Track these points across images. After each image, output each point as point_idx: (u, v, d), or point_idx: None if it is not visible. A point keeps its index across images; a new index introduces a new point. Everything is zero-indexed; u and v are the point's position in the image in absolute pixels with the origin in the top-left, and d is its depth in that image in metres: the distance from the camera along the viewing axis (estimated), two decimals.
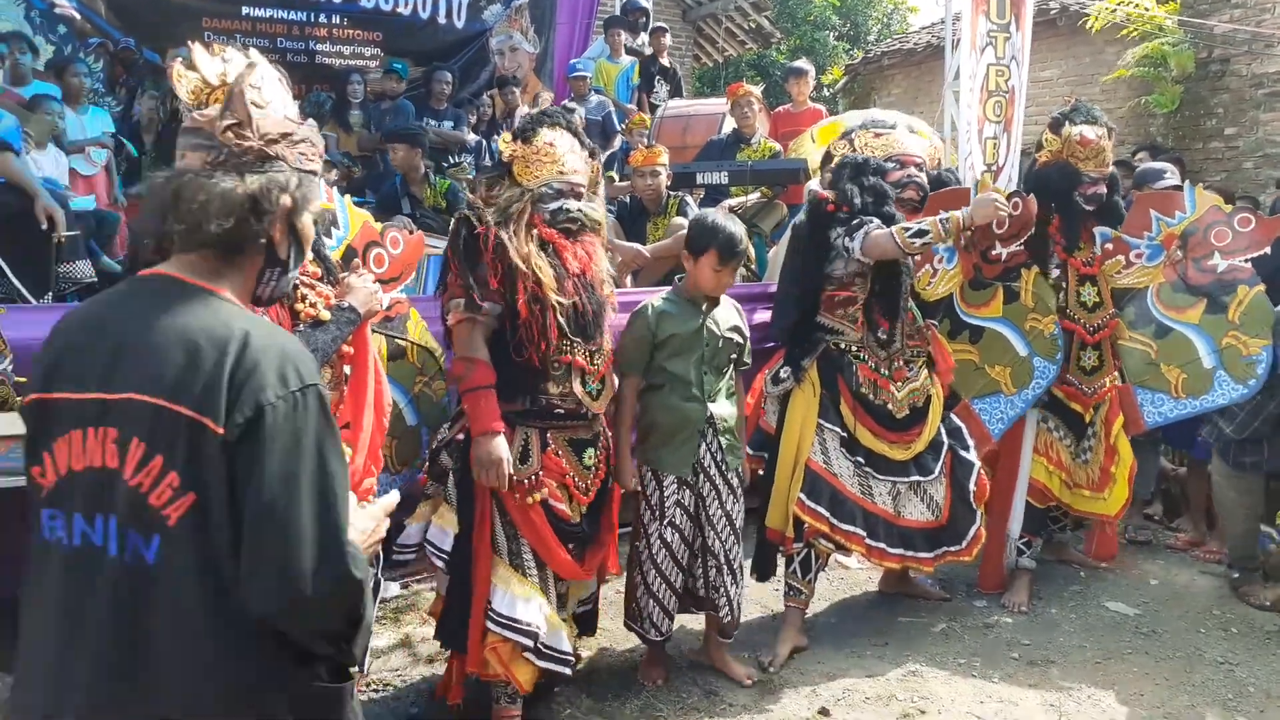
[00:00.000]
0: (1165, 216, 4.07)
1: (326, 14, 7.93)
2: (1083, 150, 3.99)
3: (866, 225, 3.44)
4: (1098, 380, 4.14)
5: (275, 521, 1.35)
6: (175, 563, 1.38)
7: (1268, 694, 3.43)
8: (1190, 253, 4.07)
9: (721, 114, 7.05)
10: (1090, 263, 4.10)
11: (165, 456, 1.37)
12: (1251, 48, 7.76)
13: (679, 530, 3.26)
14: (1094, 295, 4.10)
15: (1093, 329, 4.11)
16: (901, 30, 15.98)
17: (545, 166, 2.94)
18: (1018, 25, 6.74)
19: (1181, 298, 4.13)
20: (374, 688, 3.37)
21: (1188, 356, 4.11)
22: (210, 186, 1.49)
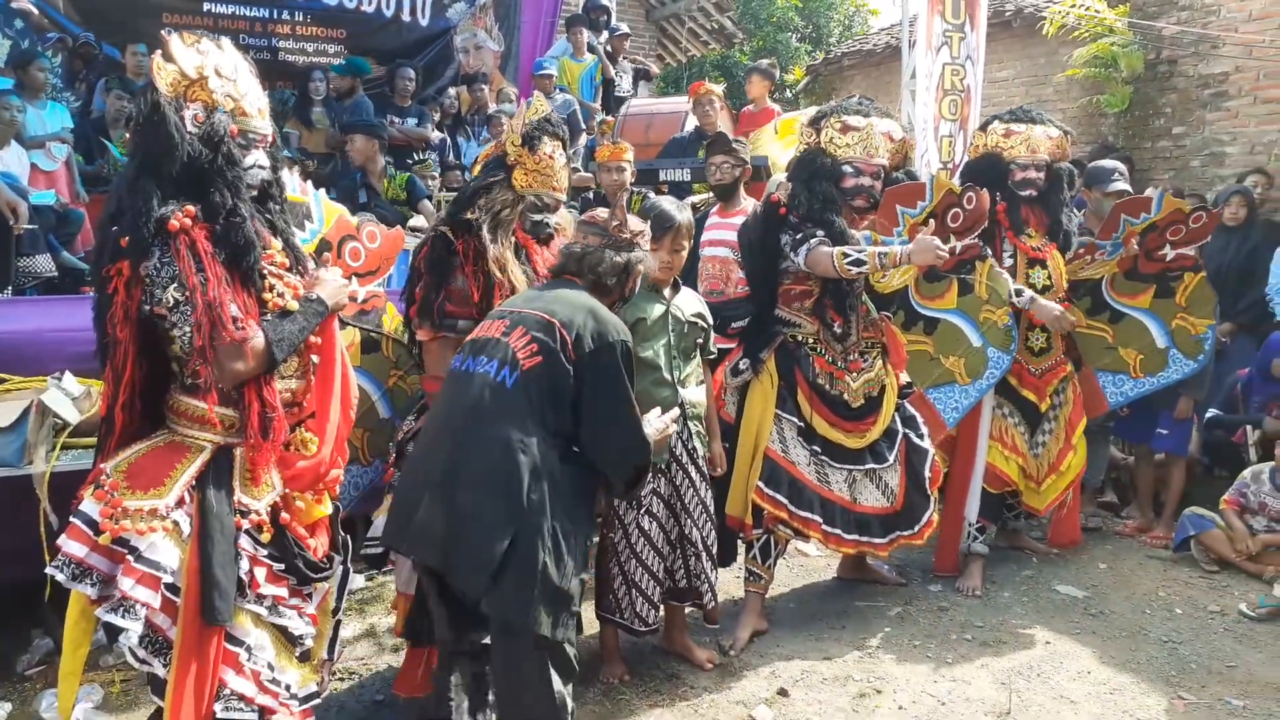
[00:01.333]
0: (1131, 218, 4.35)
1: (289, 11, 7.90)
2: (1007, 141, 4.26)
3: (810, 241, 3.51)
4: (1045, 361, 4.33)
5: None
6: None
7: (1209, 670, 3.57)
8: (1145, 246, 4.36)
9: (684, 112, 7.11)
10: (1040, 248, 4.27)
11: (533, 336, 2.44)
12: (1198, 49, 7.96)
13: (657, 519, 3.28)
14: (1044, 278, 4.26)
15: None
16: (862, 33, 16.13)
17: (543, 179, 3.05)
18: (972, 25, 6.91)
19: (1133, 285, 4.47)
20: (339, 676, 3.41)
21: (1143, 339, 4.46)
22: (608, 256, 2.70)
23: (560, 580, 2.36)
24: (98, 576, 2.17)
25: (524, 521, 2.32)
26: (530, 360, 2.43)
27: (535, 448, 2.38)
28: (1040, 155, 4.23)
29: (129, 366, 2.23)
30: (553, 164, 3.05)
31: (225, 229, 2.22)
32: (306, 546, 2.41)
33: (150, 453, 2.26)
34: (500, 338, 2.50)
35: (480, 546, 2.32)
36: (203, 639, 2.20)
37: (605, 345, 2.47)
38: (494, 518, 2.33)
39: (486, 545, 2.31)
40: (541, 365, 2.43)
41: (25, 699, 3.22)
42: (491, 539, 2.31)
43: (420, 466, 2.54)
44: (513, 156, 3.03)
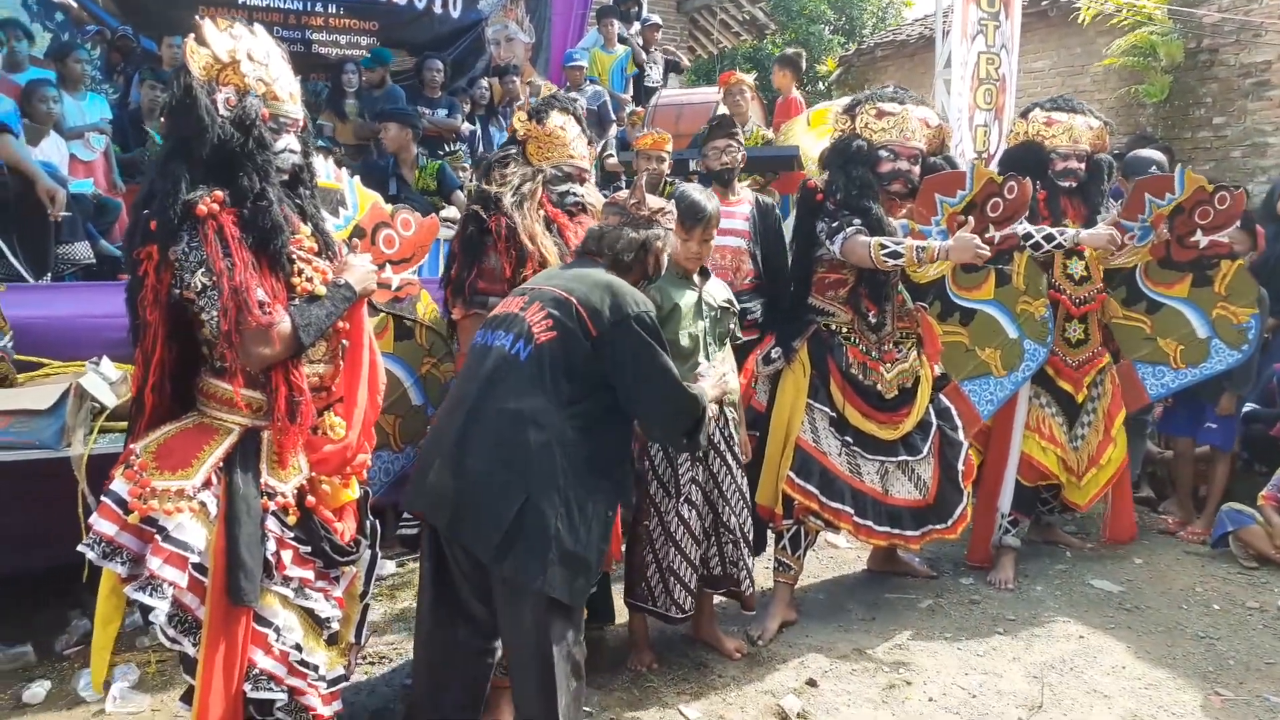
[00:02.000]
0: (1156, 199, 4.18)
1: (323, 3, 7.94)
2: (1048, 130, 4.21)
3: (846, 229, 3.47)
4: (1083, 353, 4.28)
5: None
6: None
7: (1247, 667, 3.50)
8: (1175, 230, 4.23)
9: (715, 102, 7.07)
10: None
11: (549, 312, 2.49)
12: (1240, 38, 7.81)
13: (695, 506, 3.25)
14: (1081, 269, 4.23)
15: (1079, 301, 4.25)
16: (896, 23, 15.99)
17: (556, 149, 3.11)
18: (1007, 13, 6.82)
19: (1168, 274, 4.34)
20: (370, 660, 3.43)
21: (1182, 329, 4.34)
22: (625, 233, 2.71)
23: (574, 545, 2.38)
24: (127, 555, 2.20)
25: (535, 487, 2.36)
26: (545, 335, 2.47)
27: (546, 418, 2.41)
28: (1081, 145, 4.18)
29: (159, 348, 2.25)
30: (563, 134, 3.11)
31: (253, 212, 2.22)
32: (333, 530, 2.42)
33: (179, 434, 2.28)
34: (518, 313, 2.55)
35: (490, 509, 2.37)
36: (230, 619, 2.22)
37: (623, 318, 2.49)
38: (503, 482, 2.38)
39: (496, 508, 2.36)
40: (556, 340, 2.46)
41: (64, 678, 3.27)
42: (501, 502, 2.36)
43: (437, 434, 2.60)
44: (522, 131, 3.12)
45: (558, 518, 2.36)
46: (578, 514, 2.40)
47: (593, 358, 2.48)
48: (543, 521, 2.35)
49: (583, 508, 2.41)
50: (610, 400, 2.53)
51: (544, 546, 2.34)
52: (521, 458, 2.38)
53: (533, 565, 2.34)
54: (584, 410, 2.48)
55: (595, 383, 2.50)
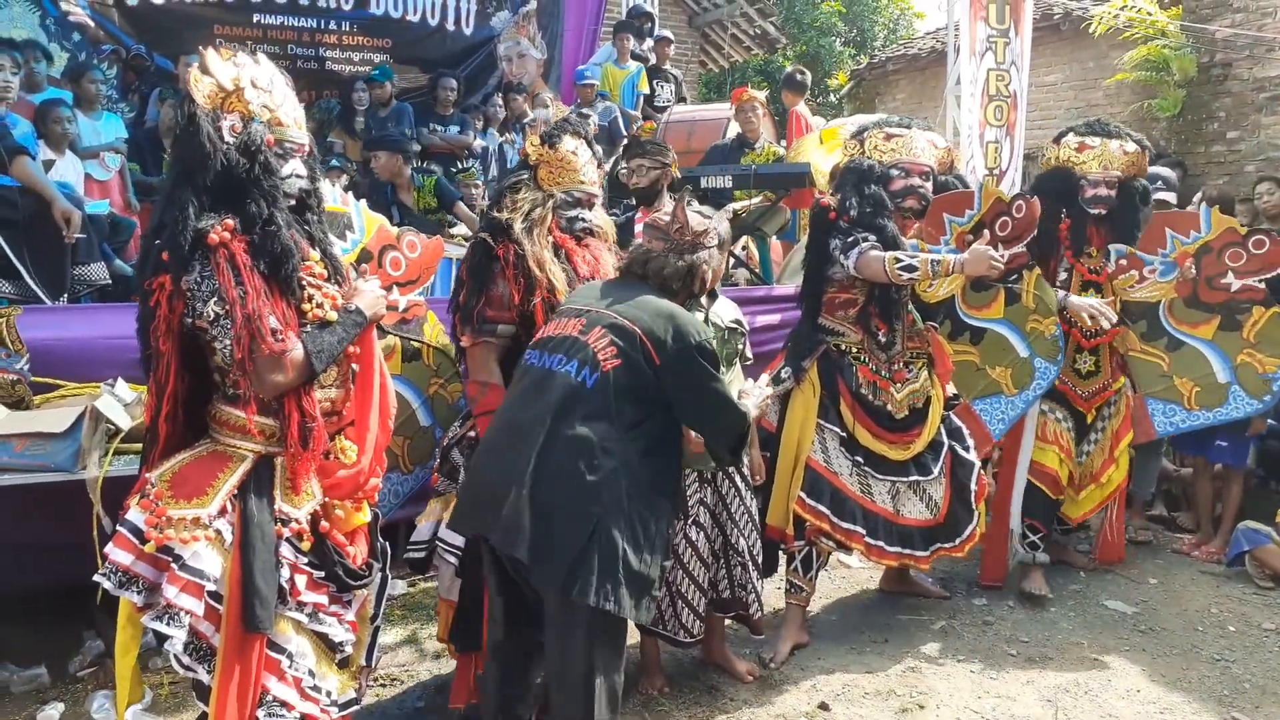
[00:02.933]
0: (1180, 235, 4.12)
1: (336, 21, 8.00)
2: (1079, 156, 4.12)
3: (861, 244, 3.48)
4: (1093, 384, 4.24)
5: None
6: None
7: (1263, 690, 3.47)
8: (1204, 271, 4.13)
9: (726, 119, 7.11)
10: (1097, 271, 4.17)
11: (613, 339, 2.54)
12: (1253, 52, 7.79)
13: (703, 529, 3.26)
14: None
15: (1090, 333, 4.15)
16: (907, 36, 16.01)
17: (567, 174, 3.09)
18: (1016, 30, 6.82)
19: (1194, 313, 4.23)
20: (381, 682, 3.44)
21: (1201, 370, 4.23)
22: (670, 260, 2.74)
23: (640, 566, 2.44)
24: (144, 584, 2.21)
25: (604, 513, 2.42)
26: (610, 362, 2.52)
27: (613, 444, 2.47)
28: (1113, 171, 4.09)
29: (172, 378, 2.26)
30: (575, 160, 3.09)
31: (262, 238, 2.24)
32: (346, 554, 2.43)
33: (193, 462, 2.30)
34: (579, 336, 2.58)
35: (563, 539, 2.41)
36: (245, 646, 2.23)
37: (685, 347, 2.55)
38: (575, 511, 2.43)
39: (569, 538, 2.41)
40: (621, 368, 2.52)
41: (78, 699, 3.29)
42: (574, 531, 2.41)
43: (503, 460, 2.54)
44: (534, 156, 3.10)
45: (625, 540, 2.42)
46: (642, 534, 2.47)
47: (655, 384, 2.56)
48: (612, 546, 2.40)
49: (646, 527, 2.48)
50: (669, 421, 2.62)
51: (614, 569, 2.40)
52: (593, 486, 2.43)
53: (604, 587, 2.38)
54: (645, 432, 2.55)
55: (656, 405, 2.58)
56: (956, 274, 3.46)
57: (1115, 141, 4.12)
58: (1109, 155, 4.09)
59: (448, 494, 3.14)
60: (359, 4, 7.93)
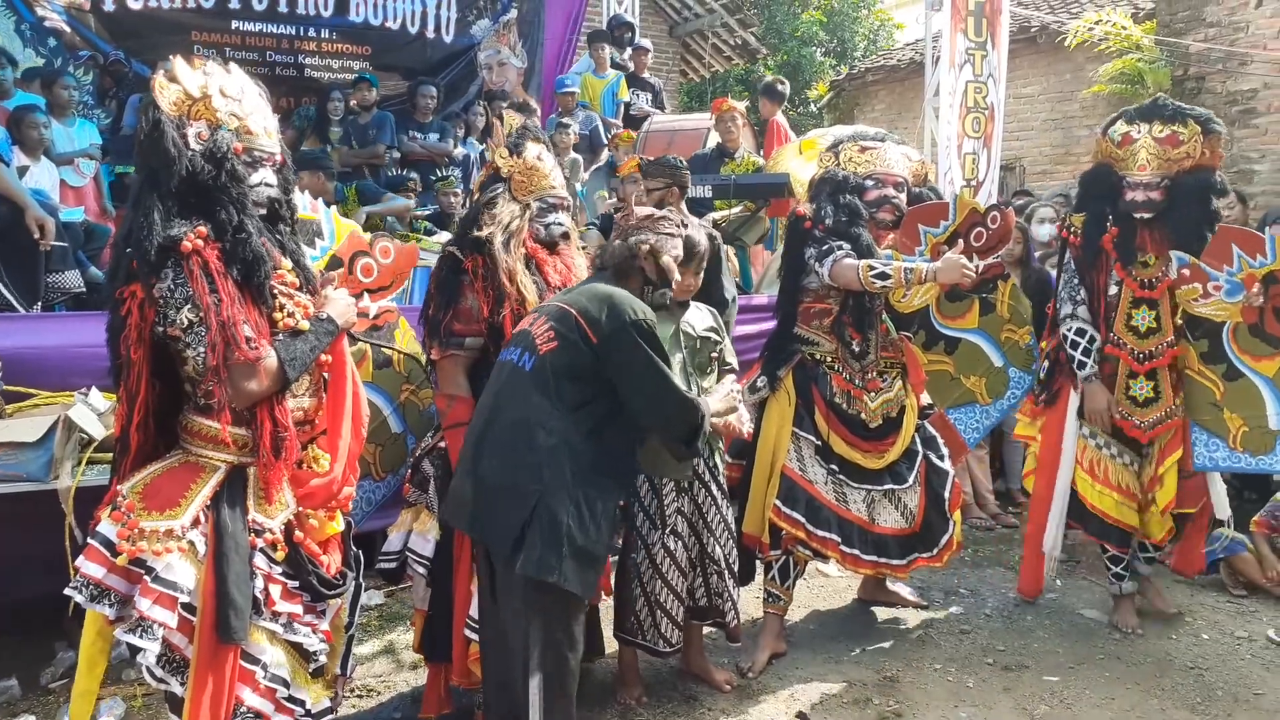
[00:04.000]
0: (1247, 255, 3.64)
1: (315, 28, 7.97)
2: (1121, 151, 3.68)
3: (836, 252, 3.50)
4: (1152, 413, 3.77)
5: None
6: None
7: (1235, 698, 3.50)
8: (1272, 300, 3.65)
9: (706, 129, 7.13)
10: (1150, 284, 3.72)
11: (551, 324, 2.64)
12: (1226, 66, 7.90)
13: (680, 538, 3.27)
14: (1149, 319, 3.73)
15: (1142, 356, 3.75)
16: (887, 47, 16.13)
17: (538, 180, 3.12)
18: (994, 43, 6.90)
19: (1259, 344, 3.73)
20: (358, 693, 3.42)
21: (1254, 409, 3.76)
22: (614, 245, 2.86)
23: (585, 541, 2.52)
24: (115, 597, 2.20)
25: (546, 488, 2.51)
26: (547, 345, 2.63)
27: (553, 421, 2.57)
28: (1163, 168, 3.56)
29: (143, 387, 2.25)
30: (541, 165, 3.13)
31: (233, 245, 2.23)
32: (320, 563, 2.42)
33: (165, 473, 2.28)
34: (528, 328, 2.73)
35: (505, 510, 2.54)
36: (219, 657, 2.22)
37: (620, 325, 2.61)
38: (515, 484, 2.55)
39: (510, 509, 2.53)
40: (558, 349, 2.62)
41: (49, 712, 3.25)
42: (515, 503, 2.53)
43: (463, 448, 2.76)
44: (505, 168, 3.11)
45: (569, 516, 2.51)
46: (587, 511, 2.54)
47: (594, 364, 2.63)
48: (555, 519, 2.49)
49: (591, 505, 2.56)
50: (615, 403, 2.67)
51: (557, 542, 2.48)
52: (532, 460, 2.54)
53: (548, 560, 2.47)
54: (590, 413, 2.63)
55: (600, 387, 2.65)
56: (930, 282, 3.47)
57: (1161, 127, 3.56)
58: (1150, 153, 3.56)
59: (418, 504, 3.13)
60: (338, 11, 7.91)
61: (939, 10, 6.87)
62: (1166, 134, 3.56)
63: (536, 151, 3.13)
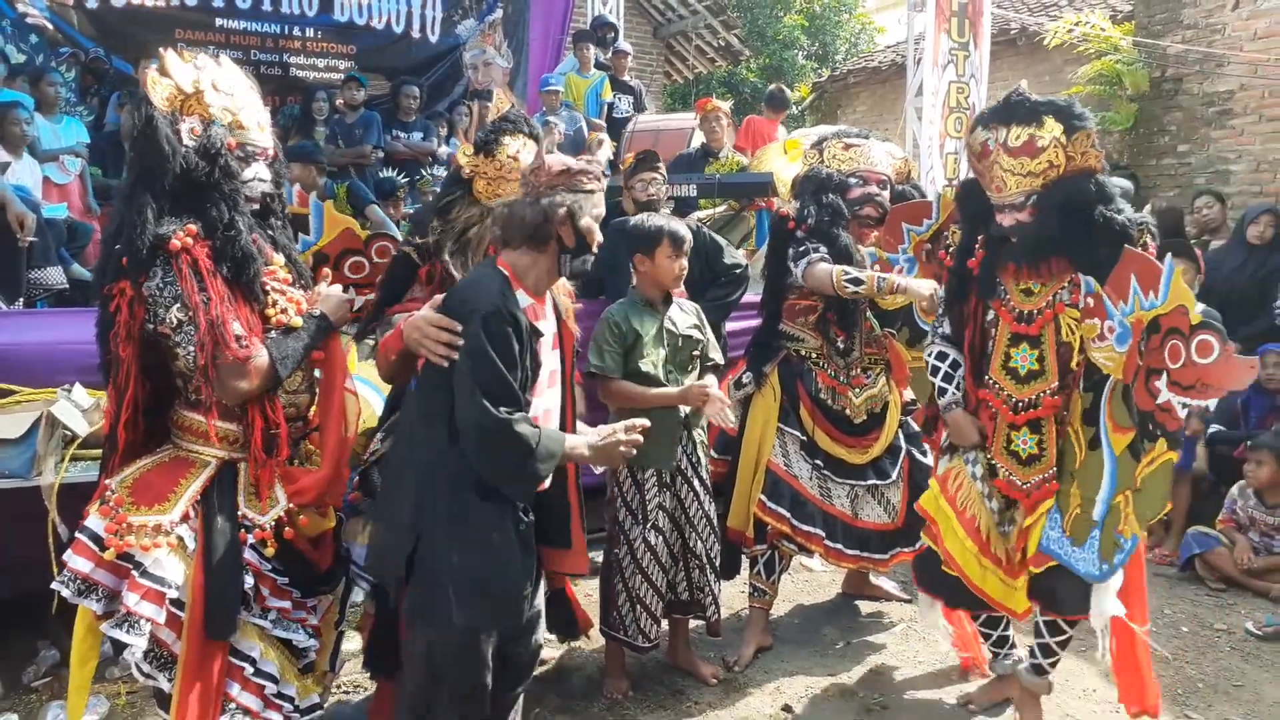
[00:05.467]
0: (1141, 291, 2.66)
1: (300, 27, 7.96)
2: (981, 164, 2.89)
3: (811, 255, 3.53)
4: (1036, 472, 2.94)
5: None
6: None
7: (1215, 689, 3.55)
8: (1148, 358, 2.64)
9: (690, 128, 7.16)
10: (1029, 318, 2.89)
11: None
12: (1203, 68, 8.00)
13: (662, 533, 3.29)
14: (1030, 360, 2.90)
15: (1021, 405, 2.91)
16: (868, 50, 16.20)
17: (509, 184, 2.69)
18: (976, 44, 6.97)
19: (1122, 412, 2.78)
20: (345, 689, 3.41)
21: (1092, 491, 2.83)
22: (520, 211, 2.38)
23: (476, 571, 2.27)
24: (103, 592, 2.20)
25: (427, 519, 2.29)
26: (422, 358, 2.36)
27: (430, 446, 2.31)
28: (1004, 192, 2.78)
29: (131, 384, 2.24)
30: (518, 165, 2.67)
31: (224, 243, 2.22)
32: (311, 559, 2.42)
33: (155, 468, 2.28)
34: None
35: (390, 549, 2.36)
36: (207, 653, 2.22)
37: (468, 315, 2.26)
38: (399, 518, 2.34)
39: (394, 547, 2.34)
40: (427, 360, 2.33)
41: (31, 711, 3.23)
42: (398, 540, 2.32)
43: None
44: (468, 168, 2.76)
45: (454, 545, 2.27)
46: (472, 533, 2.28)
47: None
48: (438, 554, 2.27)
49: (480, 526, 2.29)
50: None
51: (443, 579, 2.26)
52: (411, 490, 2.32)
53: (437, 599, 2.26)
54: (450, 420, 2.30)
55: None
56: (900, 295, 3.45)
57: (1017, 132, 2.75)
58: (1005, 164, 2.77)
59: (366, 513, 2.86)
60: (323, 10, 7.90)
61: (921, 11, 6.92)
62: (1022, 141, 2.75)
63: (515, 148, 2.72)
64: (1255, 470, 4.66)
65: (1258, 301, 5.63)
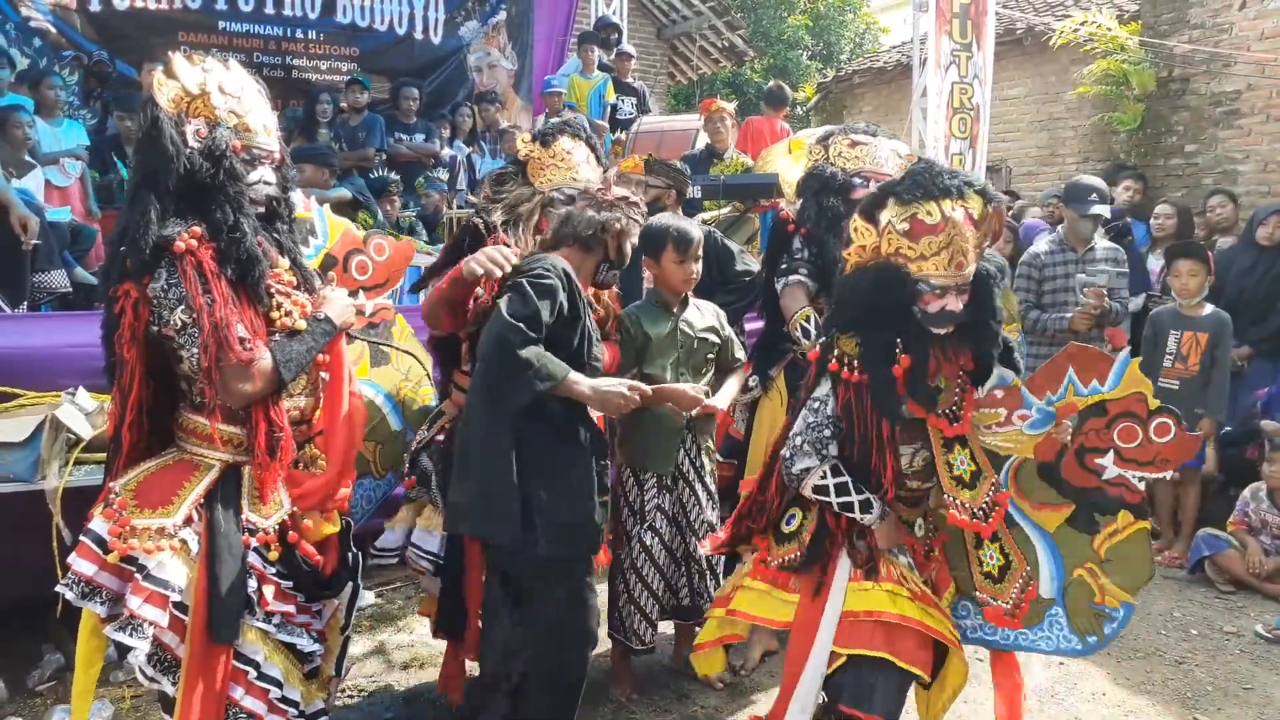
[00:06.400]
0: (1080, 381, 2.70)
1: (303, 29, 7.96)
2: (918, 244, 2.45)
3: (790, 278, 3.51)
4: (1011, 585, 2.70)
5: None
6: None
7: (1224, 692, 3.53)
8: (1081, 438, 2.70)
9: (695, 130, 7.13)
10: (956, 415, 2.62)
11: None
12: (1210, 67, 7.96)
13: (659, 534, 3.29)
14: (966, 460, 2.62)
15: (983, 512, 2.62)
16: (873, 50, 16.19)
17: (559, 172, 3.01)
18: (979, 45, 6.94)
19: (1045, 490, 2.73)
20: (349, 693, 3.40)
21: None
22: (587, 213, 2.72)
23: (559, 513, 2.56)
24: (107, 595, 2.18)
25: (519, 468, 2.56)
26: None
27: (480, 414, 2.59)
28: (966, 267, 2.46)
29: (136, 386, 2.23)
30: (570, 158, 3.01)
31: (228, 245, 2.21)
32: (316, 563, 2.41)
33: (159, 471, 2.26)
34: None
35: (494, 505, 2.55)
36: (210, 657, 2.20)
37: (527, 269, 2.59)
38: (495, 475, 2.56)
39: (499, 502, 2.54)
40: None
41: (36, 714, 3.22)
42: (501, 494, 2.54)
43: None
44: (524, 152, 3.01)
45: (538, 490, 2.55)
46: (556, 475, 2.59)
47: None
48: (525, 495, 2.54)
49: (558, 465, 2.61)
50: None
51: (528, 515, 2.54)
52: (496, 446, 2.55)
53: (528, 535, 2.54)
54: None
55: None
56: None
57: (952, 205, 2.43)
58: (966, 236, 2.44)
59: (420, 499, 3.11)
60: (326, 12, 7.91)
61: (926, 12, 6.90)
62: (977, 211, 2.49)
63: (569, 145, 3.04)
64: (1276, 471, 4.61)
65: (1267, 303, 5.59)
